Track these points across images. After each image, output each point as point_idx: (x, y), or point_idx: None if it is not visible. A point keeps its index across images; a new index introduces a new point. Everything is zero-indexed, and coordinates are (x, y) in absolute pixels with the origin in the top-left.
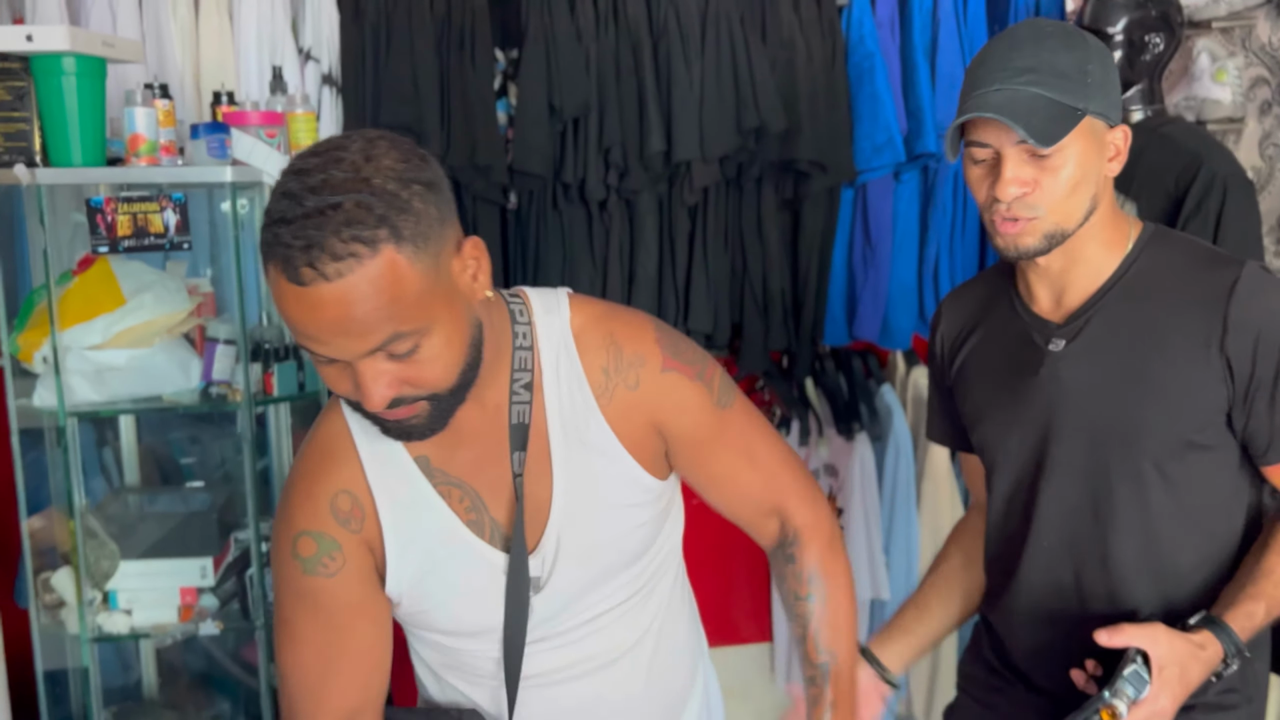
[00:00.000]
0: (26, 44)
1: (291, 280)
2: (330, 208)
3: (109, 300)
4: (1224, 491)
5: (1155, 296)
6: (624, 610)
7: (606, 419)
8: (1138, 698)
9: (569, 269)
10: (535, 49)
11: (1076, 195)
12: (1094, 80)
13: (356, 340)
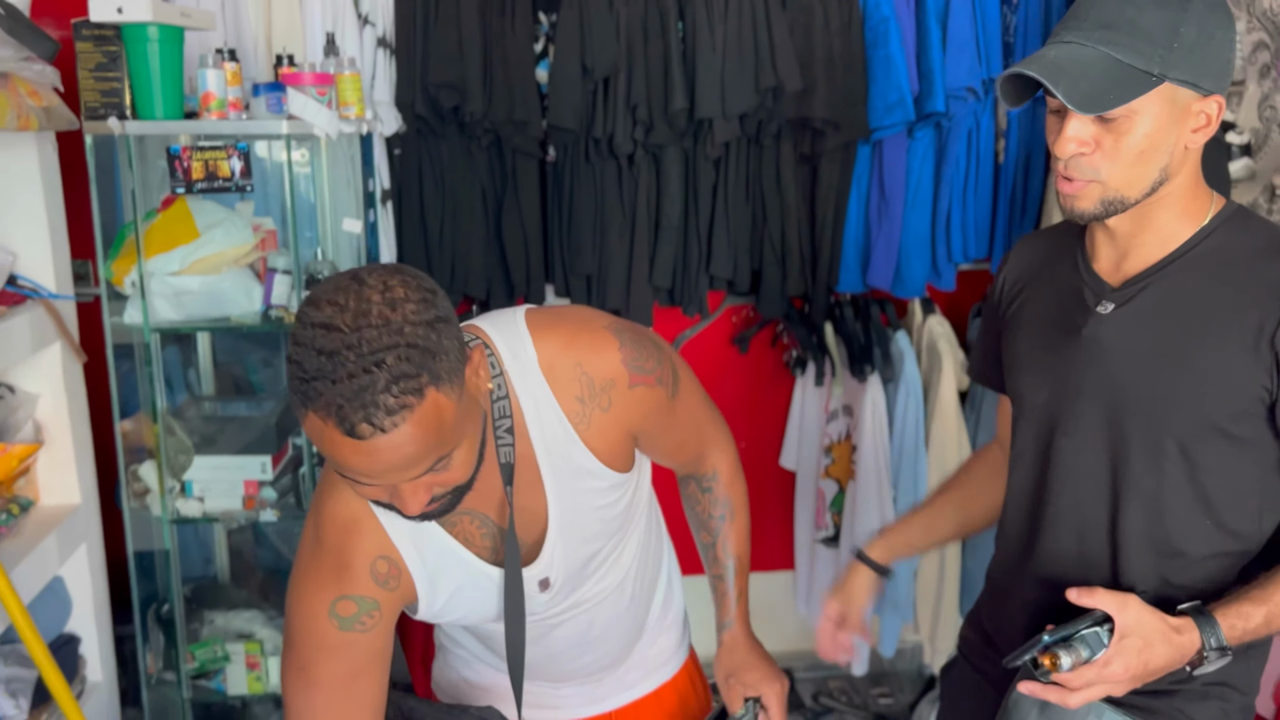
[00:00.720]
0: (117, 15)
1: (347, 434)
2: (375, 365)
3: (186, 234)
4: (1251, 489)
5: (1218, 276)
6: (609, 565)
7: (585, 443)
8: (1091, 658)
9: (601, 218)
10: (569, 14)
11: (1142, 164)
12: (1185, 44)
13: (405, 473)
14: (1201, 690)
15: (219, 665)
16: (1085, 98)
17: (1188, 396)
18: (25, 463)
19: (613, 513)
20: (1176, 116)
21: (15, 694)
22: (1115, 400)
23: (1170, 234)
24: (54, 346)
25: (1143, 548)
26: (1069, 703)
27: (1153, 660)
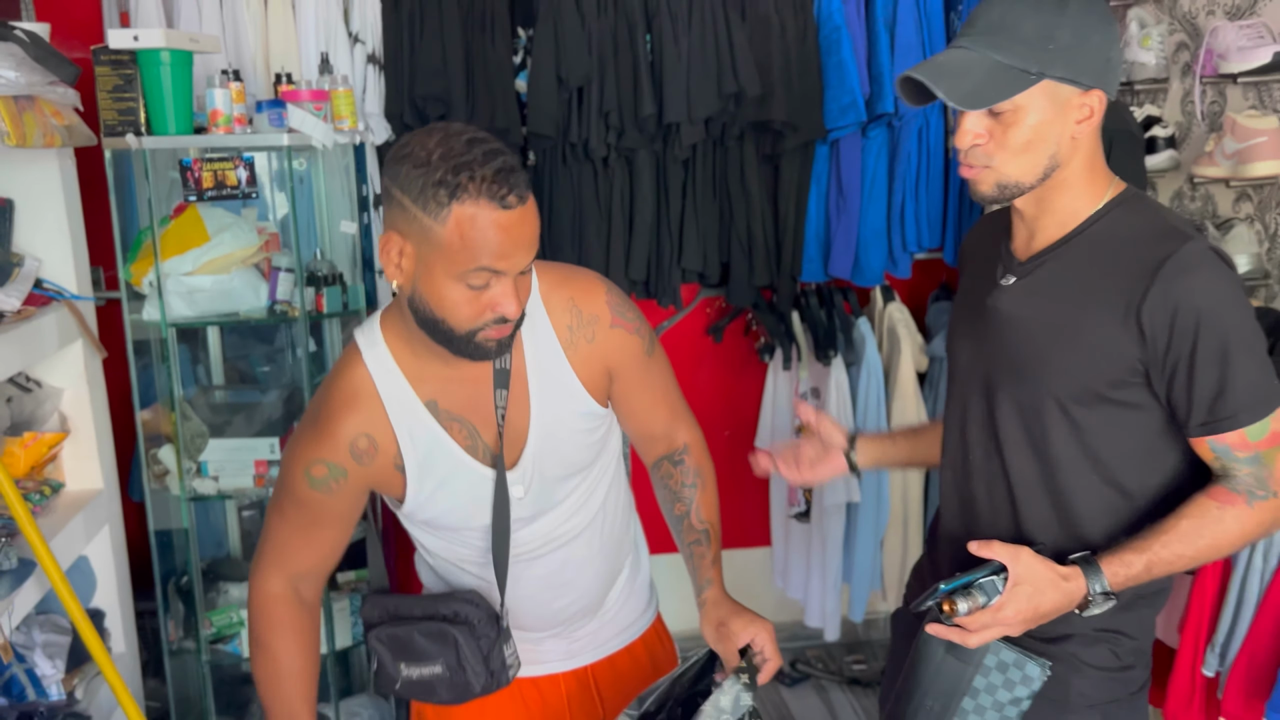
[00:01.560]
0: (133, 42)
1: (501, 206)
2: (494, 153)
3: (197, 237)
4: (1136, 449)
5: (1104, 255)
6: (578, 508)
7: (571, 365)
8: (987, 603)
9: (579, 217)
10: (545, 28)
11: (1030, 153)
12: (1061, 45)
13: (528, 252)
14: (1094, 635)
15: (234, 630)
16: (966, 95)
17: (1069, 363)
18: (53, 449)
19: (586, 441)
20: (1060, 110)
21: (52, 656)
22: (1009, 364)
23: (1068, 215)
24: (76, 344)
25: (1039, 501)
26: (968, 642)
27: (1042, 605)
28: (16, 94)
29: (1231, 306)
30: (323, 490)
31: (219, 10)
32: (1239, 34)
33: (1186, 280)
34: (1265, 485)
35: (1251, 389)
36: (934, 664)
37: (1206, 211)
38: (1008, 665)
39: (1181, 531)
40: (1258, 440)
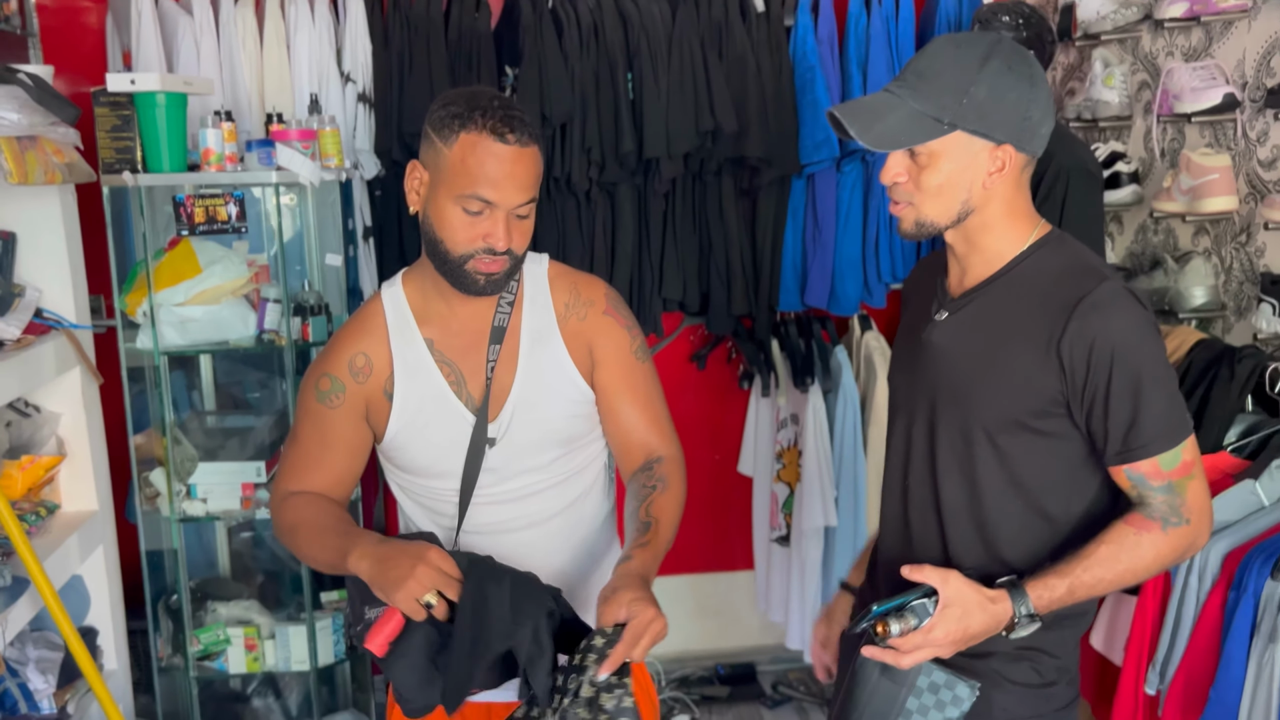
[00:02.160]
0: (130, 85)
1: (499, 140)
2: (511, 104)
3: (190, 269)
4: (1059, 477)
5: (1027, 293)
6: (552, 485)
7: (561, 334)
8: (918, 625)
9: (563, 248)
10: (529, 68)
11: (942, 197)
12: (974, 101)
13: (520, 192)
14: (1015, 654)
15: (221, 647)
16: (877, 137)
17: (994, 394)
18: (50, 472)
19: (565, 413)
20: (971, 160)
21: (45, 672)
22: (941, 394)
23: (995, 255)
24: (74, 371)
25: (965, 526)
26: (901, 663)
27: (971, 626)
28: (19, 134)
29: (1143, 343)
30: (326, 404)
31: (216, 51)
32: (1192, 75)
33: (1101, 318)
34: (1178, 512)
35: (1161, 420)
36: (869, 685)
37: (1168, 245)
38: (939, 686)
39: (1100, 556)
40: (1170, 470)
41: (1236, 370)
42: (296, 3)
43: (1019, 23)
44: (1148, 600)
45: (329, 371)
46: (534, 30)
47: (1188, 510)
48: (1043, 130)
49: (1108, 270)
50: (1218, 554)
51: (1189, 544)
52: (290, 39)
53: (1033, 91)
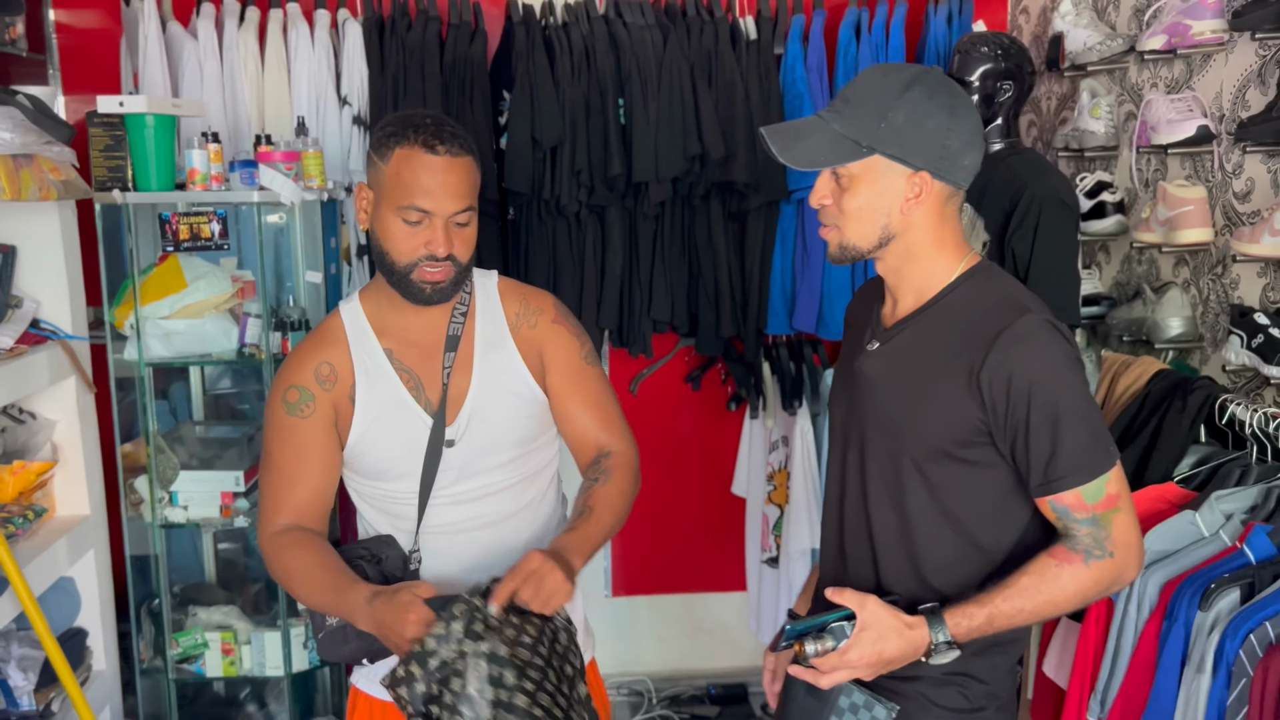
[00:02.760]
0: (119, 108)
1: (430, 152)
2: (445, 121)
3: (176, 284)
4: (987, 506)
5: (953, 325)
6: (509, 486)
7: (514, 340)
8: (836, 646)
9: (554, 268)
10: (521, 93)
11: (862, 221)
12: (892, 126)
13: (454, 200)
14: (943, 679)
15: (199, 651)
16: (797, 155)
17: (920, 423)
18: (42, 477)
19: (519, 416)
20: (889, 185)
21: (26, 670)
22: (871, 424)
23: (923, 286)
24: (69, 380)
25: (897, 555)
26: (820, 683)
27: (886, 650)
28: (14, 153)
29: (1061, 375)
30: (296, 414)
31: (219, 72)
32: (1169, 107)
33: (1020, 350)
34: (1102, 546)
35: (1081, 452)
36: (797, 703)
37: (1150, 275)
38: (859, 706)
39: (1021, 587)
40: (1094, 502)
41: (1189, 401)
42: (298, 28)
43: (997, 53)
44: (1090, 628)
45: (295, 383)
46: (526, 56)
47: (1112, 544)
48: (964, 161)
49: (1032, 304)
50: (1155, 584)
51: (1113, 578)
52: (290, 63)
53: (952, 121)
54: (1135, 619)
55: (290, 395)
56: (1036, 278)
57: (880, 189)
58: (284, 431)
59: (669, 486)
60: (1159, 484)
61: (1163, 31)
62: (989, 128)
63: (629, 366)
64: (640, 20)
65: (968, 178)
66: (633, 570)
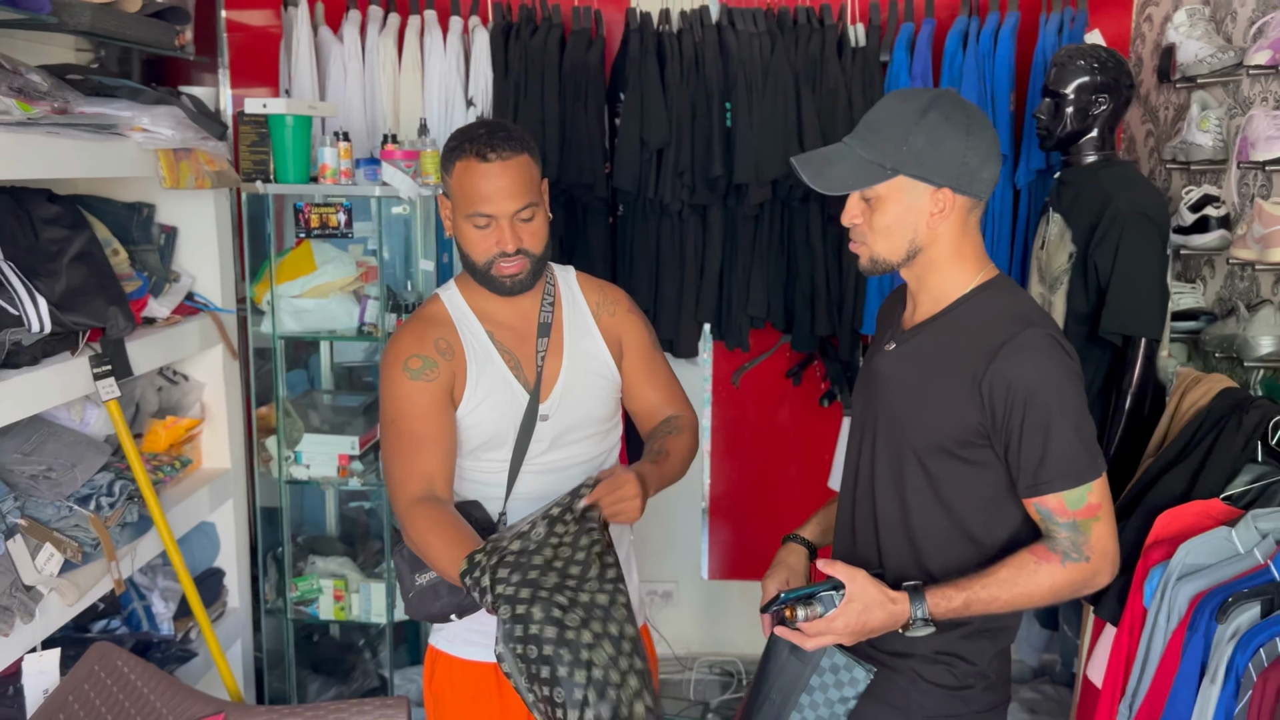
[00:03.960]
0: (263, 109)
1: (483, 160)
2: (501, 128)
3: (307, 267)
4: (982, 501)
5: (963, 333)
6: (588, 459)
7: (597, 326)
8: (824, 613)
9: (658, 263)
10: (632, 97)
11: (890, 237)
12: (914, 149)
13: (512, 200)
14: (933, 656)
15: (314, 595)
16: (827, 182)
17: (925, 422)
18: (190, 432)
19: (601, 396)
20: (915, 203)
21: (167, 599)
22: (882, 418)
23: (941, 294)
24: (217, 348)
25: (898, 539)
26: (805, 645)
27: (870, 621)
28: (175, 147)
29: (1057, 386)
30: (420, 378)
31: (361, 74)
32: (1269, 123)
33: (1020, 360)
34: (1080, 549)
35: (1068, 459)
36: (780, 662)
37: (1251, 292)
38: (839, 668)
39: (1000, 578)
40: (1075, 509)
41: (1244, 420)
42: (432, 33)
43: (1094, 66)
44: (1124, 635)
45: (417, 353)
46: (638, 61)
47: (1089, 549)
48: (983, 175)
49: (1038, 318)
50: (1185, 595)
51: (1086, 580)
52: (424, 65)
53: (968, 139)
54: (1164, 628)
55: (413, 364)
56: (1116, 291)
57: (906, 207)
58: (408, 398)
59: (767, 477)
60: (1205, 499)
61: (1268, 46)
62: (1083, 140)
63: (732, 359)
64: (751, 28)
65: (987, 190)
66: (729, 555)
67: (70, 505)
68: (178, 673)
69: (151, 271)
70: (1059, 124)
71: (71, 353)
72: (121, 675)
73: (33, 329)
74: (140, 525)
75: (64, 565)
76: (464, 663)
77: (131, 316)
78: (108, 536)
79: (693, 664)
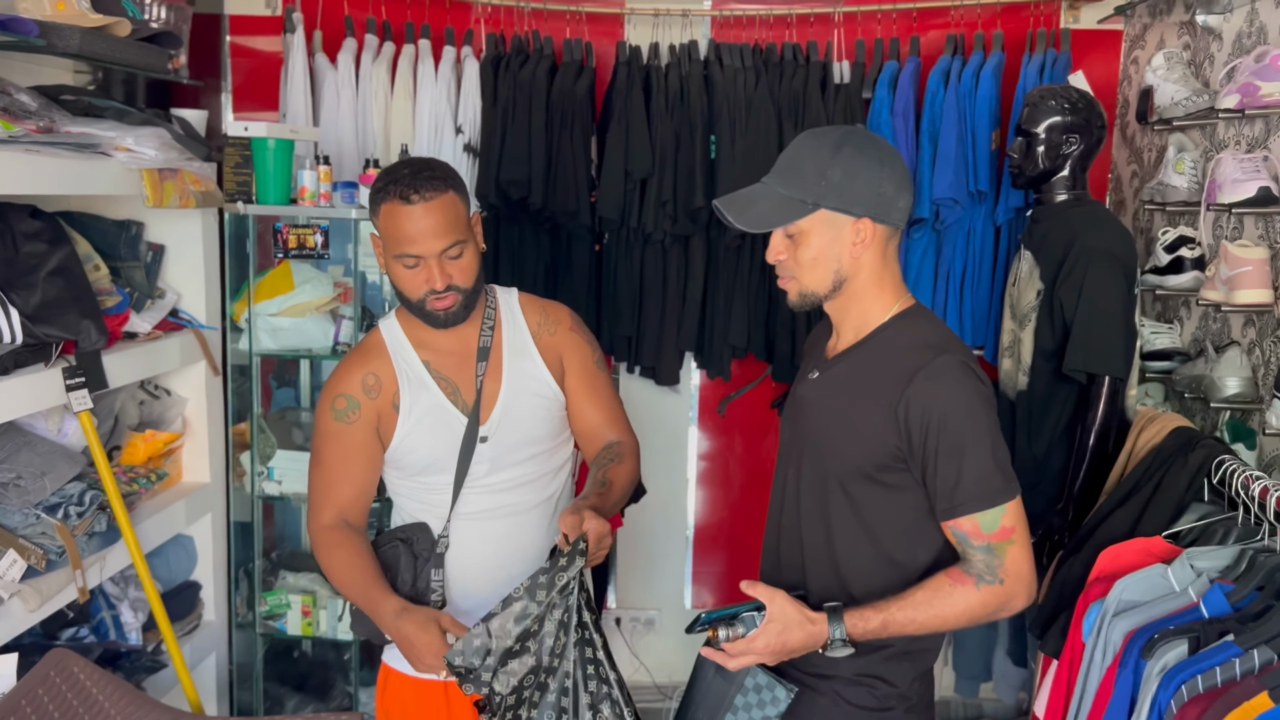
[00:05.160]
0: (244, 132)
1: (404, 202)
2: (423, 168)
3: (285, 286)
4: (903, 526)
5: (880, 360)
6: (533, 480)
7: (537, 348)
8: (745, 634)
9: (641, 291)
10: (618, 127)
11: (816, 269)
12: (832, 182)
13: (434, 240)
14: (855, 679)
15: (282, 610)
16: (750, 219)
17: (844, 447)
18: (169, 446)
19: (543, 415)
20: (837, 234)
21: (136, 610)
22: (807, 445)
23: (862, 323)
24: (199, 363)
25: (821, 562)
26: (728, 665)
27: (790, 641)
28: (159, 167)
29: (968, 410)
30: (344, 420)
31: (354, 100)
32: (1236, 166)
33: (933, 386)
34: (994, 572)
35: (982, 482)
36: (705, 682)
37: (1223, 333)
38: (762, 687)
39: (916, 600)
40: (989, 532)
41: (1190, 458)
42: (424, 62)
43: (1065, 106)
44: (1063, 670)
45: (342, 392)
46: (624, 93)
47: (1004, 572)
48: (899, 204)
49: (950, 345)
50: (1120, 631)
51: (1001, 603)
52: (416, 93)
53: (882, 170)
54: (1100, 663)
55: (338, 403)
56: (1079, 329)
57: (829, 239)
58: (331, 435)
59: (752, 506)
60: (1148, 537)
61: (1236, 91)
62: (1054, 179)
63: (718, 388)
64: (738, 63)
65: (903, 218)
66: (712, 584)
67: (38, 513)
68: (146, 683)
69: (136, 288)
70: (1030, 163)
71: (45, 364)
72: (78, 682)
73: (4, 339)
74: (109, 535)
75: (27, 571)
76: (414, 680)
77: (105, 330)
78: (73, 545)
79: (673, 692)
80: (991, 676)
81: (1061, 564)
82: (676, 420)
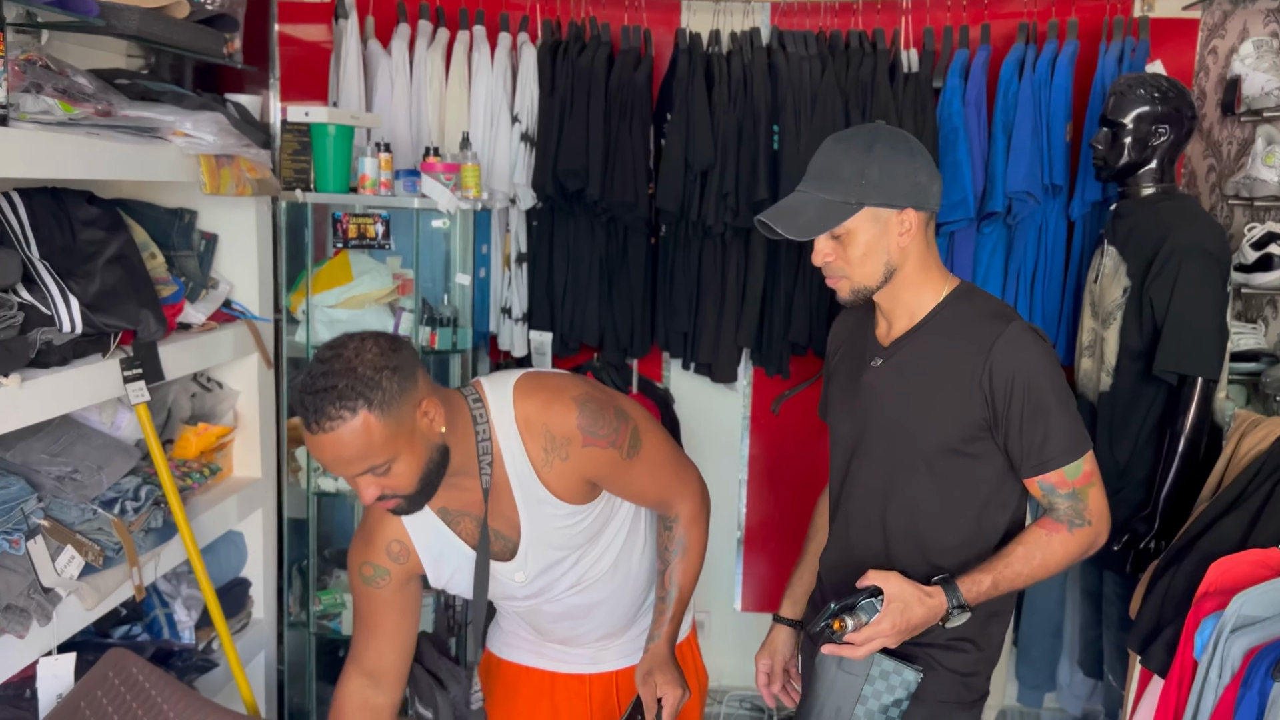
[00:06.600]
0: (305, 118)
1: (308, 429)
2: (330, 388)
3: (343, 277)
4: (985, 492)
5: (947, 338)
6: (591, 563)
7: (543, 482)
8: (868, 621)
9: (698, 286)
10: (678, 118)
11: (867, 264)
12: (871, 180)
13: (346, 467)
14: (949, 644)
15: (337, 610)
16: (800, 228)
17: (926, 426)
18: (221, 440)
19: (573, 530)
20: (883, 228)
21: (190, 608)
22: (885, 431)
23: (914, 309)
24: (253, 356)
25: (907, 543)
26: (855, 655)
27: (913, 618)
28: (216, 153)
29: (1046, 371)
30: (373, 586)
31: (408, 87)
32: None
33: (1012, 351)
34: (1081, 515)
35: (1066, 437)
36: (828, 679)
37: None
38: (888, 673)
39: (1019, 555)
40: (1074, 479)
41: None
42: (480, 49)
43: (1155, 95)
44: (1172, 689)
45: (370, 560)
46: (686, 82)
47: (1089, 513)
48: (934, 189)
49: (1010, 313)
50: (1239, 649)
51: (1090, 542)
52: (471, 81)
53: (914, 160)
54: (1216, 683)
55: (365, 570)
56: (1172, 328)
57: (876, 234)
58: (365, 596)
59: (805, 508)
60: (1263, 548)
61: None
62: (1141, 171)
63: (772, 387)
64: (802, 51)
65: (938, 203)
66: (764, 587)
67: (95, 508)
68: (198, 683)
69: (189, 277)
70: (1116, 154)
71: (102, 354)
72: (136, 683)
73: (64, 329)
74: (165, 531)
75: (84, 569)
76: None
77: (164, 320)
78: (130, 541)
79: (723, 697)
80: (1056, 686)
81: (1159, 575)
82: (730, 419)
